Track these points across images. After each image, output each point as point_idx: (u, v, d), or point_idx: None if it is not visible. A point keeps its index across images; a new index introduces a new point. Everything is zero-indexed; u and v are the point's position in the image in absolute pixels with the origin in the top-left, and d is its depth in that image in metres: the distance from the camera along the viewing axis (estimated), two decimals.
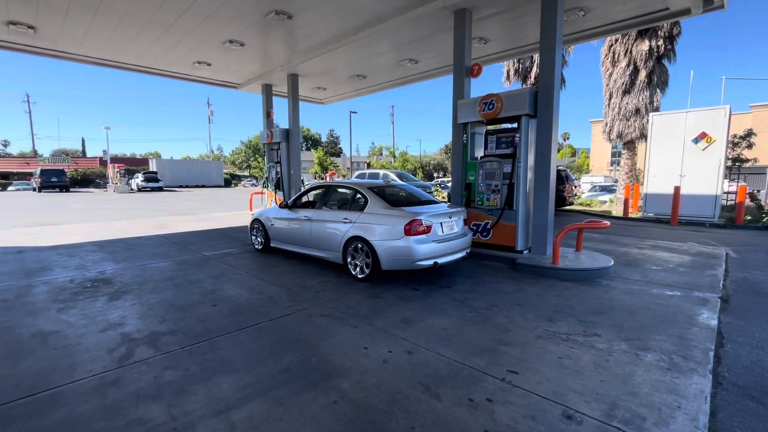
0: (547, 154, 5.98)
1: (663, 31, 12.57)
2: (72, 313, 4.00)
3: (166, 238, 8.56)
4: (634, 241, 8.25)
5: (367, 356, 3.08)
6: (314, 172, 38.80)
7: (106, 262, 6.28)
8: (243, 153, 59.96)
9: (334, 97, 14.87)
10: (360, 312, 4.05)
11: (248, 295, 4.63)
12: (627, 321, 3.84)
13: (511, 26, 8.14)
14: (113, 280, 5.22)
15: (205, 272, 5.66)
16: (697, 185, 11.21)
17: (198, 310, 4.09)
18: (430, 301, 4.43)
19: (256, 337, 3.44)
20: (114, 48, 9.33)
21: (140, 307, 4.16)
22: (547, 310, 4.13)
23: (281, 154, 12.26)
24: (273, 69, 11.24)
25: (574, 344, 3.30)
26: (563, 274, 5.39)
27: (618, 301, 4.43)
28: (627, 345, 3.29)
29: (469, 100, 6.71)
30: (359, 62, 10.59)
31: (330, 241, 5.56)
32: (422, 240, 4.76)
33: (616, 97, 13.48)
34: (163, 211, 14.97)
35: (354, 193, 5.69)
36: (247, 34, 8.51)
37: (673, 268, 5.96)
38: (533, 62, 16.00)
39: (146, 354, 3.10)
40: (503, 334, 3.51)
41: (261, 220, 6.98)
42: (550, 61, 5.87)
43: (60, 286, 4.94)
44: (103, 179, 39.10)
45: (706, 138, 11.02)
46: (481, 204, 6.63)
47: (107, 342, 3.31)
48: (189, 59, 10.25)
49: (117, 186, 30.43)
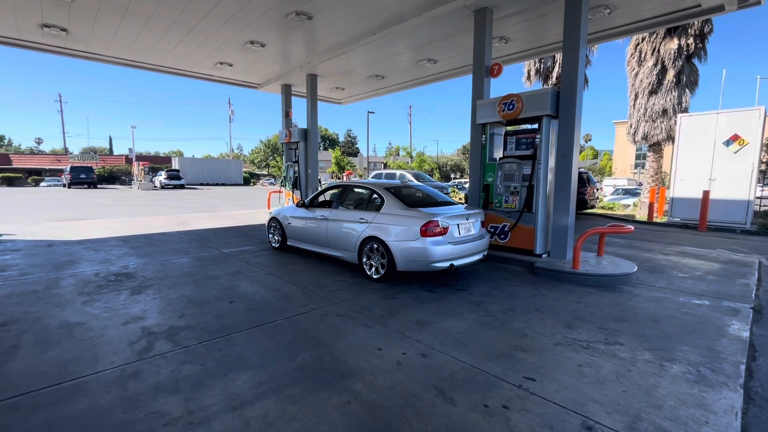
0: (568, 156, 5.83)
1: (693, 29, 12.09)
2: (96, 305, 4.13)
3: (186, 235, 8.76)
4: (660, 247, 7.96)
5: (381, 357, 3.07)
6: (331, 171, 39.04)
7: (129, 257, 6.47)
8: (262, 152, 60.91)
9: (352, 97, 14.92)
10: (375, 312, 4.04)
11: (264, 292, 4.68)
12: (651, 330, 3.69)
13: (532, 25, 7.99)
14: (136, 274, 5.38)
15: (223, 269, 5.76)
16: (727, 190, 10.72)
17: (215, 306, 4.16)
18: (445, 303, 4.37)
19: (271, 335, 3.47)
20: (140, 49, 9.63)
21: (160, 302, 4.27)
22: (567, 316, 4.02)
23: (299, 154, 12.38)
24: (292, 69, 11.37)
25: (595, 352, 3.20)
26: (584, 280, 5.24)
27: (642, 309, 4.27)
28: (651, 355, 3.17)
29: (488, 100, 6.61)
30: (378, 62, 10.59)
31: (346, 241, 5.57)
32: (438, 241, 4.71)
33: (642, 97, 13.04)
34: (184, 208, 15.36)
35: (370, 193, 5.68)
36: (267, 35, 8.63)
37: (702, 276, 5.72)
38: (555, 62, 15.66)
39: (165, 348, 3.17)
40: (520, 340, 3.44)
41: (278, 219, 7.06)
42: (574, 60, 5.72)
43: (86, 279, 5.12)
44: (129, 176, 40.42)
45: (738, 140, 10.53)
46: (500, 206, 6.52)
47: (129, 335, 3.40)
48: (211, 60, 10.48)
49: (141, 183, 31.39)
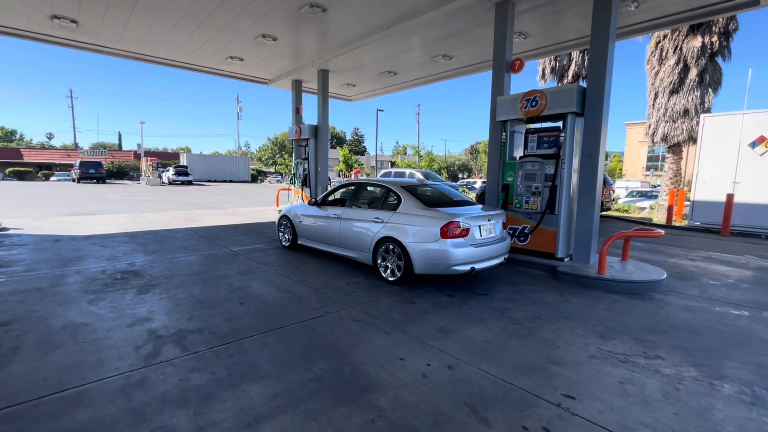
0: (594, 156, 5.56)
1: (718, 27, 11.67)
2: (102, 305, 3.96)
3: (194, 232, 8.61)
4: (684, 252, 7.63)
5: (404, 369, 2.84)
6: (339, 169, 38.86)
7: (136, 253, 6.32)
8: (269, 150, 60.88)
9: (363, 94, 14.70)
10: (393, 318, 3.82)
11: (276, 293, 4.48)
12: (691, 343, 3.43)
13: (552, 20, 7.69)
14: (143, 272, 5.21)
15: (232, 268, 5.58)
16: (753, 193, 10.31)
17: (225, 308, 3.97)
18: (466, 309, 4.14)
19: (285, 340, 3.26)
20: (151, 42, 9.49)
21: (168, 302, 4.09)
22: (598, 326, 3.76)
23: (309, 151, 12.19)
24: (304, 65, 11.17)
25: (635, 367, 2.94)
26: (610, 286, 4.97)
27: (677, 319, 4.00)
28: (697, 372, 2.91)
29: (509, 97, 6.35)
30: (391, 58, 10.34)
31: (360, 241, 5.35)
32: (459, 243, 4.47)
33: (662, 97, 12.65)
34: (191, 204, 15.26)
35: (386, 191, 5.45)
36: (279, 28, 8.44)
37: (734, 284, 5.41)
38: (571, 60, 15.31)
39: (172, 353, 2.97)
40: (552, 351, 3.19)
41: (289, 217, 6.86)
42: (602, 55, 5.44)
43: (92, 276, 4.96)
44: (137, 172, 40.62)
45: (765, 142, 10.12)
46: (520, 207, 6.26)
47: (134, 338, 3.22)
48: (222, 54, 10.31)
49: (149, 179, 31.48)
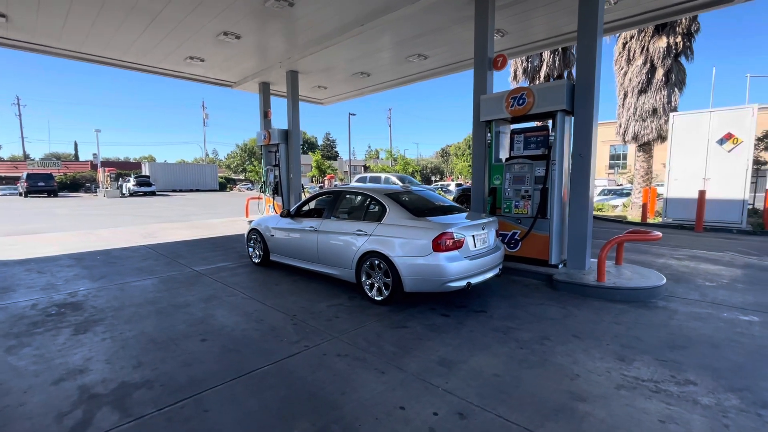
0: (586, 156, 5.27)
1: (681, 27, 11.97)
2: (24, 353, 3.19)
3: (153, 249, 7.74)
4: (668, 251, 7.55)
5: (407, 422, 2.31)
6: (312, 175, 37.91)
7: (80, 279, 5.46)
8: (238, 156, 58.92)
9: (335, 96, 14.12)
10: (385, 349, 3.28)
11: (245, 324, 3.84)
12: (717, 360, 3.10)
13: (529, 17, 7.45)
14: (84, 304, 4.41)
15: (195, 293, 4.86)
16: (722, 189, 10.55)
17: (183, 348, 3.30)
18: (466, 331, 3.66)
19: (256, 391, 2.65)
20: (97, 41, 8.54)
21: (111, 344, 3.36)
22: (612, 344, 3.38)
23: (280, 157, 11.46)
24: (271, 65, 10.48)
25: (670, 398, 2.55)
26: (612, 294, 4.65)
27: (691, 330, 3.69)
28: (738, 399, 2.55)
29: (494, 95, 5.99)
30: (363, 58, 9.85)
31: (341, 257, 4.79)
32: (454, 257, 4.00)
33: (632, 96, 12.84)
34: (153, 218, 14.10)
35: (368, 200, 4.92)
36: (243, 24, 7.75)
37: (730, 284, 5.25)
38: (542, 61, 15.40)
39: (109, 422, 2.30)
40: (572, 383, 2.76)
41: (260, 231, 6.19)
42: (591, 50, 5.17)
43: (18, 313, 4.12)
44: (94, 183, 38.03)
45: (732, 139, 10.38)
46: (509, 212, 5.89)
47: (60, 401, 2.51)
48: (180, 54, 9.47)
49: (107, 191, 29.38)
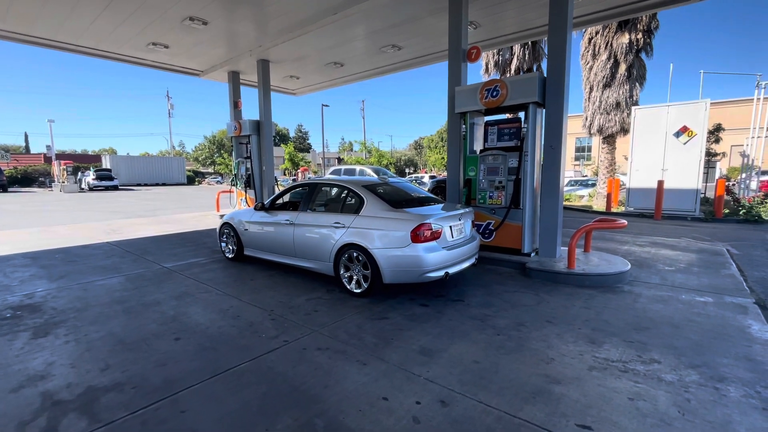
0: (557, 147, 5.44)
1: (642, 24, 12.50)
2: None
3: (118, 246, 7.35)
4: (631, 238, 7.96)
5: (390, 412, 2.33)
6: (285, 168, 37.16)
7: (37, 280, 5.12)
8: (207, 149, 56.78)
9: (308, 87, 13.83)
10: (366, 341, 3.28)
11: (221, 321, 3.73)
12: (677, 339, 3.31)
13: (500, 10, 7.54)
14: (43, 306, 4.14)
15: (165, 290, 4.67)
16: (678, 179, 11.23)
17: (155, 348, 3.17)
18: (445, 320, 3.72)
19: (236, 388, 2.59)
20: (49, 24, 7.91)
21: (75, 347, 3.18)
22: (583, 328, 3.54)
23: (251, 149, 11.13)
24: (241, 54, 10.10)
25: (637, 377, 2.71)
26: (581, 280, 4.86)
27: (653, 313, 3.92)
28: (697, 375, 2.73)
29: (468, 87, 6.05)
30: (337, 48, 9.67)
31: (318, 250, 4.73)
32: (432, 247, 4.04)
33: (597, 90, 13.35)
34: (117, 213, 13.39)
35: (346, 192, 4.87)
36: (210, 10, 7.40)
37: (686, 268, 5.61)
38: (513, 54, 15.68)
39: (75, 429, 2.18)
40: (548, 366, 2.87)
41: (233, 225, 6.01)
42: (561, 43, 5.31)
43: None
44: (48, 177, 35.57)
45: (687, 132, 11.03)
46: (483, 202, 6.01)
47: (20, 409, 2.35)
48: (142, 40, 8.94)
49: (64, 185, 27.56)
